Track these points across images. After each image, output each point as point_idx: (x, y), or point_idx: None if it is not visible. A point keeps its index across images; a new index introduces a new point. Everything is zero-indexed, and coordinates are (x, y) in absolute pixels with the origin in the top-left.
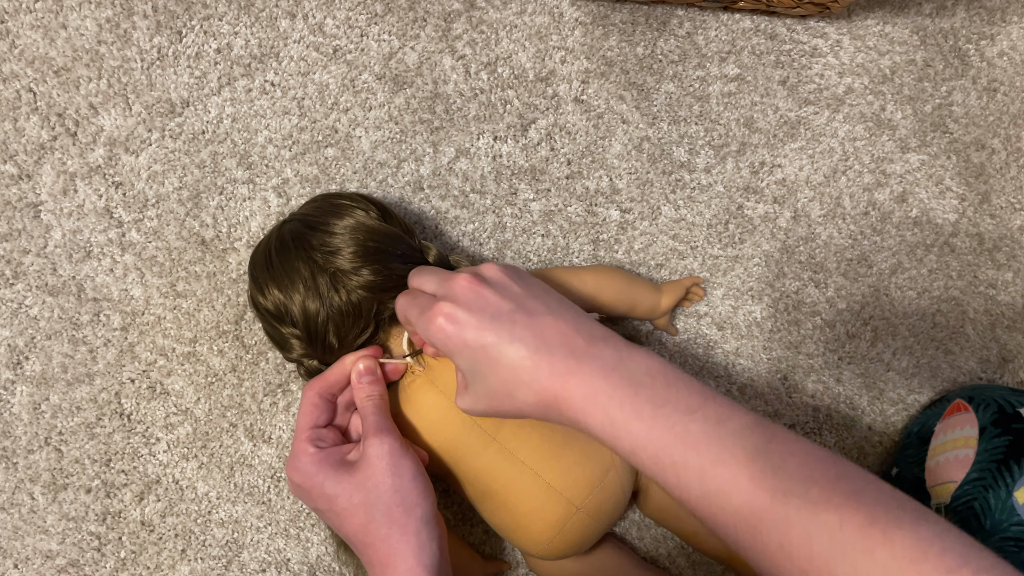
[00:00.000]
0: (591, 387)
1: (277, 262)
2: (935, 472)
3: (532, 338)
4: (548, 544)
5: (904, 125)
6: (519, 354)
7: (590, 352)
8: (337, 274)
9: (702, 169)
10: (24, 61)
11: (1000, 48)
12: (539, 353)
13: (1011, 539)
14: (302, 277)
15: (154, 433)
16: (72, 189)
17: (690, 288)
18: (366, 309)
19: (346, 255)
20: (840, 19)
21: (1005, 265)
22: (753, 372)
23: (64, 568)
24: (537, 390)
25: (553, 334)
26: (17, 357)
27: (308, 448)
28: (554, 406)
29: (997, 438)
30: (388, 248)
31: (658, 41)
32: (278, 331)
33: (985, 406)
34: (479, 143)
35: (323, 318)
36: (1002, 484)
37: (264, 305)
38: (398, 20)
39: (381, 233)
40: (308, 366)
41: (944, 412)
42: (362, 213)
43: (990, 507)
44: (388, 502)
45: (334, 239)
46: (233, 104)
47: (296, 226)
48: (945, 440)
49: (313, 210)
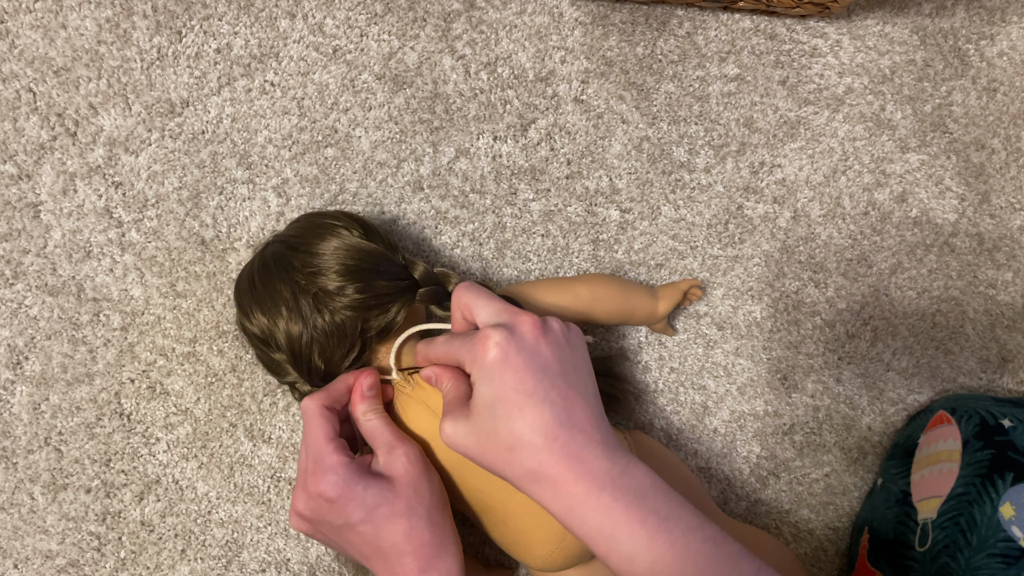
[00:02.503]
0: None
1: (260, 286)
2: (920, 486)
3: (563, 410)
4: (547, 558)
5: (904, 125)
6: (544, 417)
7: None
8: (320, 295)
9: (702, 169)
10: (24, 61)
11: (1000, 48)
12: (562, 427)
13: (997, 555)
14: (284, 300)
15: (154, 433)
16: (72, 189)
17: (687, 291)
18: (351, 329)
19: (329, 276)
20: (840, 19)
21: (1005, 265)
22: (753, 372)
23: (64, 568)
24: (540, 460)
25: (581, 416)
26: (17, 357)
27: (341, 457)
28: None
29: (980, 451)
30: (371, 267)
31: (658, 41)
32: (268, 356)
33: (968, 418)
34: (479, 143)
35: (307, 340)
36: (987, 499)
37: (251, 330)
38: (398, 20)
39: (364, 252)
40: (302, 390)
41: (927, 424)
42: (345, 232)
43: (975, 523)
44: (429, 505)
45: (316, 259)
46: (233, 104)
47: (278, 248)
48: (928, 453)
49: (295, 231)
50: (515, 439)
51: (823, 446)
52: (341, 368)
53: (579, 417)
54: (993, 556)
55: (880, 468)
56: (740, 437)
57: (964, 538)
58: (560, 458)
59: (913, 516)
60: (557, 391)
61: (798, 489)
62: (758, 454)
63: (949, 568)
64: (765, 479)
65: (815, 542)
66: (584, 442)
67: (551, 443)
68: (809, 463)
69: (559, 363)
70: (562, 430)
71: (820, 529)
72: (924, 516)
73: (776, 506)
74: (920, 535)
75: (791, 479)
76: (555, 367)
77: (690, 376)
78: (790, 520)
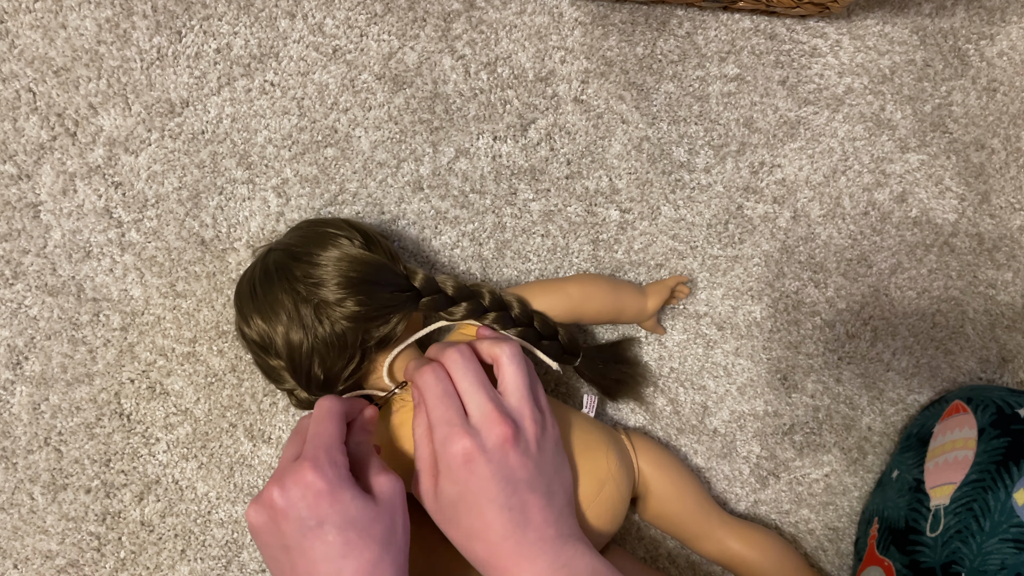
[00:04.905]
0: None
1: (260, 293)
2: (934, 474)
3: (520, 513)
4: None
5: (904, 125)
6: (501, 520)
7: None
8: (321, 305)
9: (702, 169)
10: (24, 61)
11: (1000, 48)
12: (517, 528)
13: (1009, 540)
14: (285, 308)
15: (154, 433)
16: (72, 189)
17: (674, 288)
18: (351, 340)
19: (330, 286)
20: (840, 19)
21: (1005, 265)
22: (753, 372)
23: (64, 568)
24: (492, 553)
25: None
26: (17, 357)
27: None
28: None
29: (996, 439)
30: (372, 278)
31: (658, 41)
32: (265, 362)
33: (984, 407)
34: (479, 143)
35: (307, 349)
36: (1001, 486)
37: (249, 335)
38: (398, 20)
39: (365, 263)
40: (300, 397)
41: (943, 413)
42: (346, 242)
43: (989, 509)
44: (402, 545)
45: (317, 270)
46: (233, 104)
47: (280, 256)
48: (944, 442)
49: (297, 239)
50: (473, 533)
51: (823, 446)
52: (341, 378)
53: (535, 518)
54: (1006, 541)
55: (891, 458)
56: (740, 437)
57: (977, 523)
58: (510, 554)
59: (925, 503)
60: (517, 497)
61: (798, 489)
62: (758, 454)
63: (960, 553)
64: (765, 479)
65: (815, 542)
66: (535, 540)
67: (504, 542)
68: (809, 463)
69: (525, 471)
70: (516, 531)
71: (820, 529)
72: (937, 502)
73: (776, 506)
74: (932, 521)
75: (791, 479)
76: (520, 475)
77: (690, 376)
78: (790, 520)
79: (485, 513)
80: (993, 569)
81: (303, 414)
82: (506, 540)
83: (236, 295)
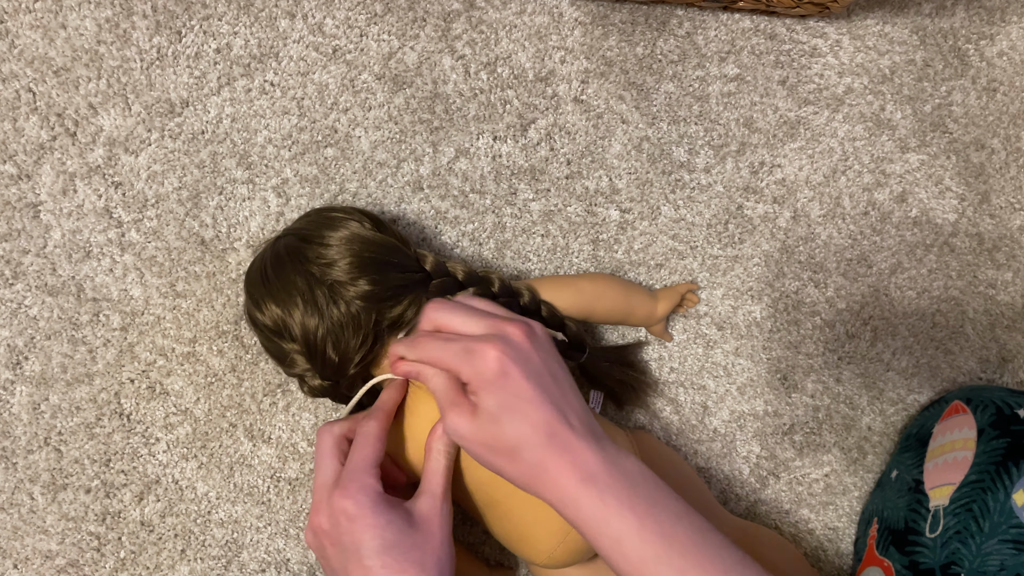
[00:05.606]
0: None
1: (273, 277)
2: (933, 474)
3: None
4: (551, 554)
5: (904, 125)
6: (546, 416)
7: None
8: (335, 286)
9: (702, 169)
10: (23, 61)
11: (1000, 48)
12: (560, 423)
13: (1009, 541)
14: (299, 290)
15: (154, 433)
16: (72, 189)
17: (684, 295)
18: (365, 320)
19: (342, 266)
20: (840, 19)
21: (1005, 265)
22: (753, 372)
23: (64, 568)
24: (542, 456)
25: (574, 411)
26: (17, 357)
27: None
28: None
29: (995, 440)
30: (384, 258)
31: (658, 41)
32: (278, 346)
33: (983, 407)
34: (479, 143)
35: (322, 333)
36: (1000, 486)
37: (262, 321)
38: (397, 20)
39: (376, 243)
40: (311, 384)
41: (942, 414)
42: (356, 224)
43: (988, 509)
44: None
45: (329, 251)
46: (233, 104)
47: (290, 240)
48: (943, 442)
49: (306, 224)
50: (520, 440)
51: (823, 446)
52: (354, 360)
53: (570, 414)
54: (1005, 542)
55: (891, 458)
56: (740, 437)
57: (976, 524)
58: (560, 452)
59: (925, 503)
60: (550, 393)
61: (798, 489)
62: (758, 454)
63: (960, 553)
64: (765, 479)
65: (815, 542)
66: (577, 436)
67: (551, 439)
68: (809, 463)
69: (546, 366)
70: (560, 426)
71: (820, 529)
72: (936, 503)
73: (776, 506)
74: (931, 521)
75: (791, 479)
76: (544, 370)
77: (690, 376)
78: (790, 520)
79: (530, 414)
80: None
81: (303, 414)
82: (553, 437)
83: (247, 282)
